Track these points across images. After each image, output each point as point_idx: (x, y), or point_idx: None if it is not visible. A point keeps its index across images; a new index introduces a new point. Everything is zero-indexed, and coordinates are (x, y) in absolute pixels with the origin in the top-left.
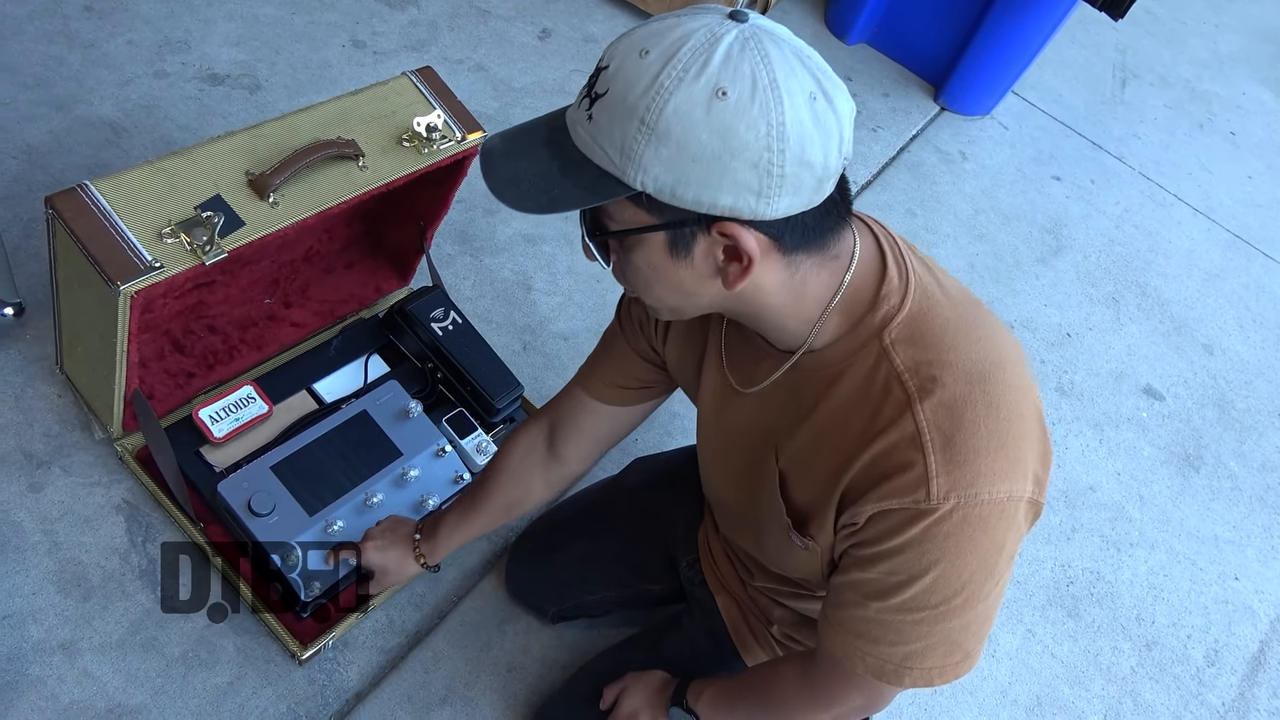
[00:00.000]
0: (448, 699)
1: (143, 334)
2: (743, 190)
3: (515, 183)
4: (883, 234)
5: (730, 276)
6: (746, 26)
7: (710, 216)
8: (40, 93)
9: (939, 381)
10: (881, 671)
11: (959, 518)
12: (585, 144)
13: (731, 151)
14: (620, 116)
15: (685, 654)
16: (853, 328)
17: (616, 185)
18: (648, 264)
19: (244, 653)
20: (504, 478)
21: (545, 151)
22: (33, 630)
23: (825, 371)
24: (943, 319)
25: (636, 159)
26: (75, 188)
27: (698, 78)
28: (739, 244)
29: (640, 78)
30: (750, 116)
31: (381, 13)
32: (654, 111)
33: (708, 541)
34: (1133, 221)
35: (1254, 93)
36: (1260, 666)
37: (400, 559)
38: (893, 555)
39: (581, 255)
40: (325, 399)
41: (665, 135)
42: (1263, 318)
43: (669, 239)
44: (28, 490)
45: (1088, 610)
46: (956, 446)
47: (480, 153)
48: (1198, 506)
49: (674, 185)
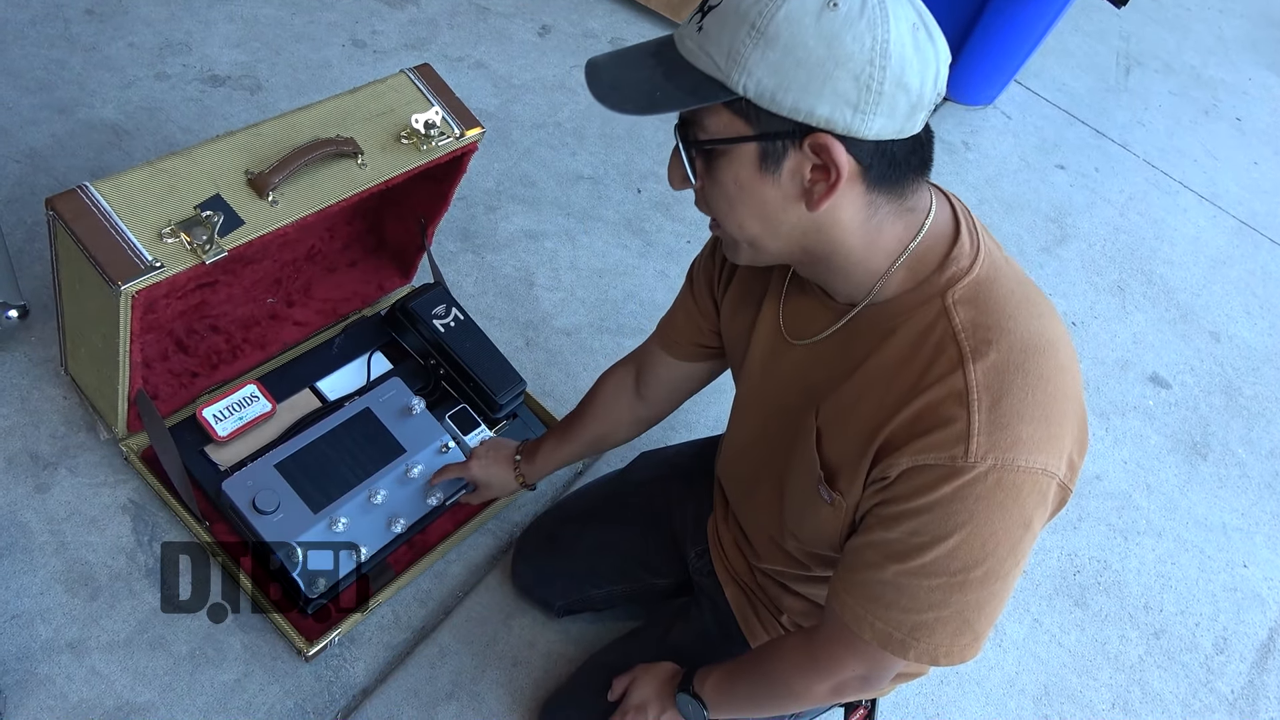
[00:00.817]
0: (454, 694)
1: (146, 334)
2: (841, 102)
3: (618, 87)
4: (959, 205)
5: (816, 195)
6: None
7: (805, 128)
8: (42, 96)
9: (994, 345)
10: (888, 639)
11: (993, 480)
12: (692, 53)
13: (836, 59)
14: (731, 22)
15: (693, 645)
16: (917, 284)
17: (719, 89)
18: (735, 180)
19: (251, 650)
20: (596, 412)
21: (651, 61)
22: (41, 629)
23: (881, 325)
24: (1006, 289)
25: (742, 62)
26: (76, 189)
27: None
28: (830, 156)
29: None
30: (858, 29)
31: (381, 12)
32: (765, 16)
33: (717, 531)
34: (1138, 209)
35: (1260, 78)
36: (1270, 654)
37: (503, 475)
38: (920, 514)
39: (584, 251)
40: (328, 397)
41: (774, 39)
42: (1270, 304)
43: (760, 151)
44: (35, 491)
45: (1095, 599)
46: (1001, 410)
47: (586, 67)
48: (1205, 494)
49: (775, 90)
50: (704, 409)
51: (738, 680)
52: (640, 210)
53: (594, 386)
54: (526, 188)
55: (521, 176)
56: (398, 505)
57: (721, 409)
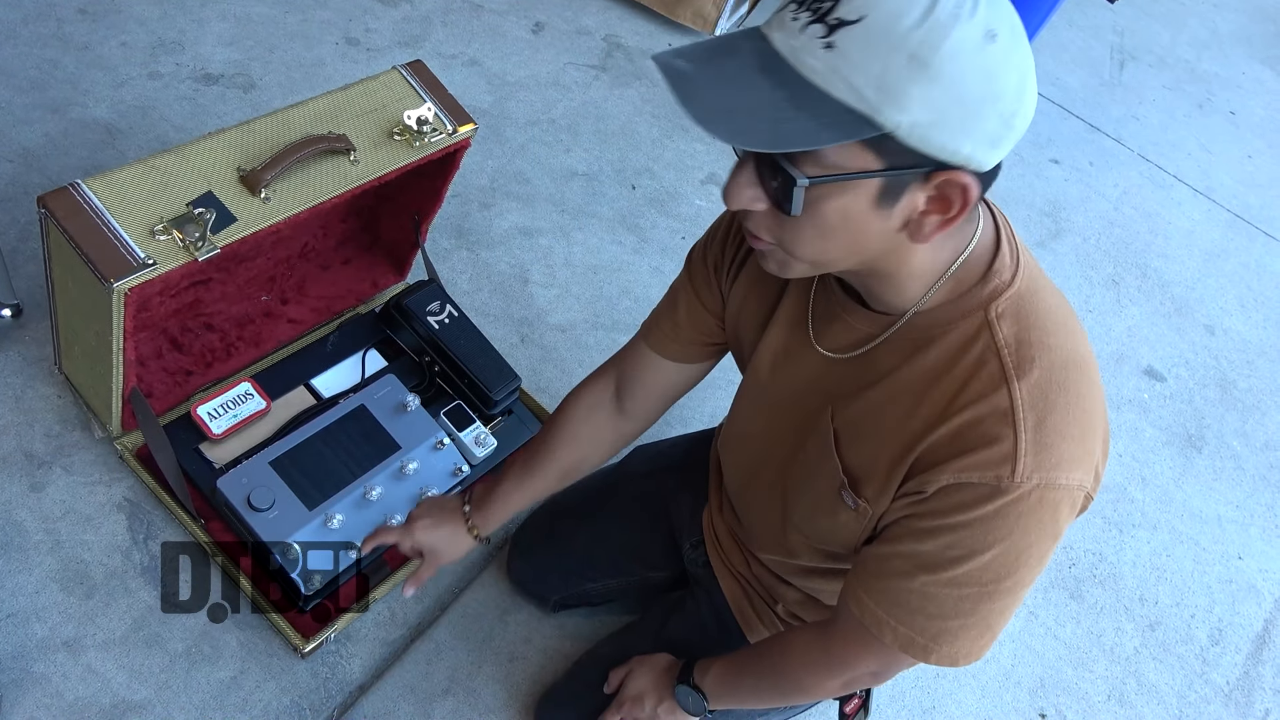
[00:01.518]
0: (450, 689)
1: (140, 332)
2: (983, 139)
3: (730, 113)
4: (999, 214)
5: (926, 229)
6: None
7: (939, 164)
8: (35, 96)
9: (1037, 363)
10: (910, 644)
11: (1035, 499)
12: (821, 75)
13: (991, 98)
14: (882, 49)
15: (690, 636)
16: (959, 296)
17: (862, 123)
18: (841, 213)
19: (247, 647)
20: (566, 437)
21: (764, 80)
22: (37, 628)
23: (915, 336)
24: (1046, 304)
25: (898, 96)
26: (67, 187)
27: (972, 15)
28: (965, 194)
29: (910, 8)
30: (1011, 64)
31: (374, 10)
32: (929, 47)
33: (712, 523)
34: (1132, 203)
35: (1254, 72)
36: (1265, 645)
37: (452, 535)
38: (958, 529)
39: (579, 247)
40: (323, 394)
41: (939, 74)
42: (1264, 297)
43: (883, 186)
44: (29, 490)
45: (1090, 591)
46: (1047, 429)
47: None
48: (1200, 486)
49: (929, 128)
50: (700, 404)
51: (743, 674)
52: (634, 206)
53: (559, 410)
54: (521, 185)
55: (515, 173)
56: (393, 502)
57: (717, 404)
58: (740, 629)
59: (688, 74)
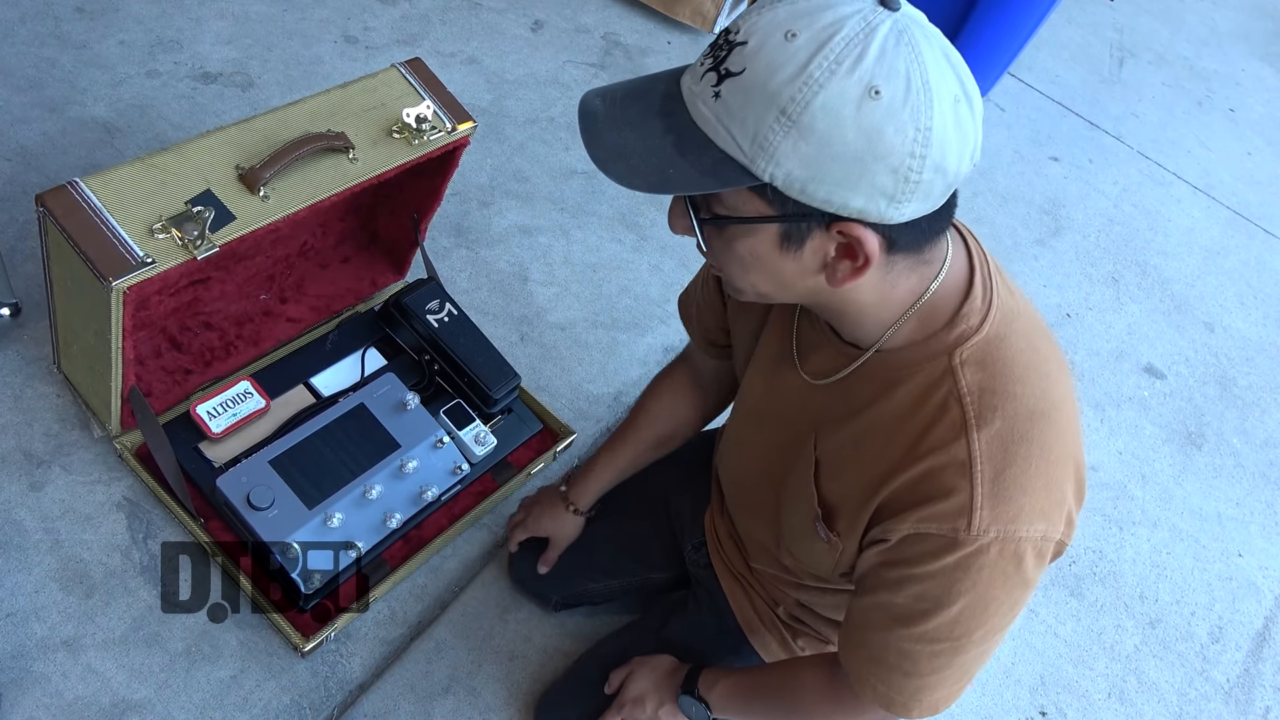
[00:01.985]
0: (450, 688)
1: (139, 331)
2: (877, 194)
3: (624, 156)
4: (975, 248)
5: (839, 274)
6: (900, 17)
7: (834, 216)
8: (33, 95)
9: (999, 412)
10: (890, 703)
11: (995, 552)
12: (708, 123)
13: (875, 154)
14: (757, 102)
15: (691, 637)
16: (926, 338)
17: (741, 173)
18: (751, 253)
19: (246, 646)
20: (657, 414)
21: (659, 124)
22: (36, 628)
23: (886, 374)
24: (1016, 349)
25: (770, 150)
26: (65, 185)
27: (851, 72)
28: (861, 245)
29: (785, 63)
30: (900, 119)
31: (373, 8)
32: (799, 103)
33: (714, 524)
34: (1132, 200)
35: (1253, 69)
36: (1265, 642)
37: (555, 516)
38: (922, 580)
39: (578, 246)
40: (323, 393)
41: (808, 130)
42: (1264, 294)
43: (782, 232)
44: (28, 489)
45: (1091, 589)
46: (1004, 482)
47: (580, 113)
48: (1200, 484)
49: (806, 182)
50: None
51: (752, 698)
52: (634, 204)
53: (647, 391)
54: (520, 183)
55: (515, 171)
56: (393, 501)
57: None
58: (741, 630)
59: (597, 115)
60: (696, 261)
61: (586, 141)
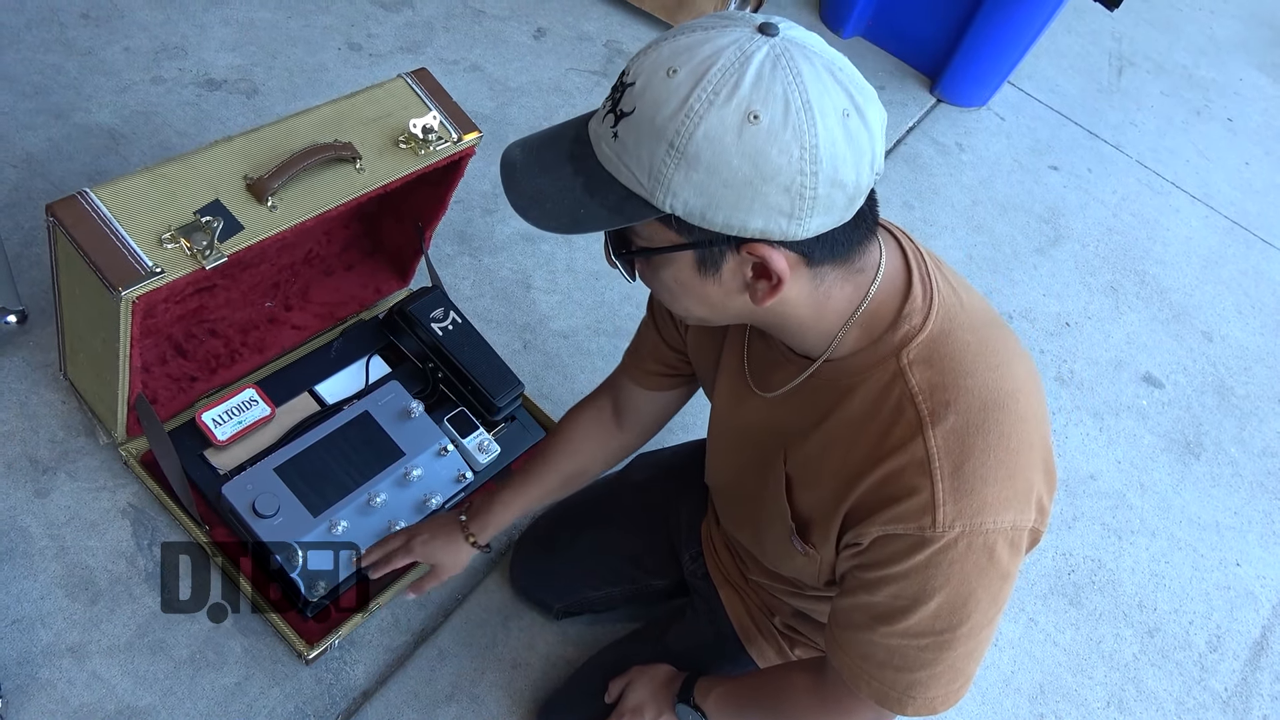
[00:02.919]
0: (454, 696)
1: (145, 339)
2: (774, 213)
3: (539, 200)
4: (910, 248)
5: (759, 293)
6: (778, 41)
7: (740, 239)
8: (39, 101)
9: (952, 407)
10: (885, 698)
11: (964, 546)
12: (611, 162)
13: (764, 176)
14: (648, 138)
15: (690, 646)
16: (872, 343)
17: (644, 207)
18: (675, 280)
19: (251, 653)
20: (568, 448)
21: (569, 168)
22: (42, 634)
23: (842, 381)
24: (962, 342)
25: (665, 182)
26: (75, 195)
27: (728, 100)
28: (769, 264)
29: (668, 99)
30: (783, 141)
31: (376, 15)
32: (683, 135)
33: (710, 534)
34: (1130, 210)
35: (1251, 78)
36: (1263, 651)
37: (449, 546)
38: (897, 580)
39: (581, 253)
40: (327, 400)
41: (695, 160)
42: (1261, 303)
43: (697, 258)
44: (34, 496)
45: (1089, 598)
46: (965, 475)
47: (501, 164)
48: (1198, 493)
49: (704, 209)
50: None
51: (746, 705)
52: None
53: (561, 422)
54: None
55: None
56: (397, 508)
57: None
58: (739, 639)
59: (515, 163)
60: None
61: (506, 189)
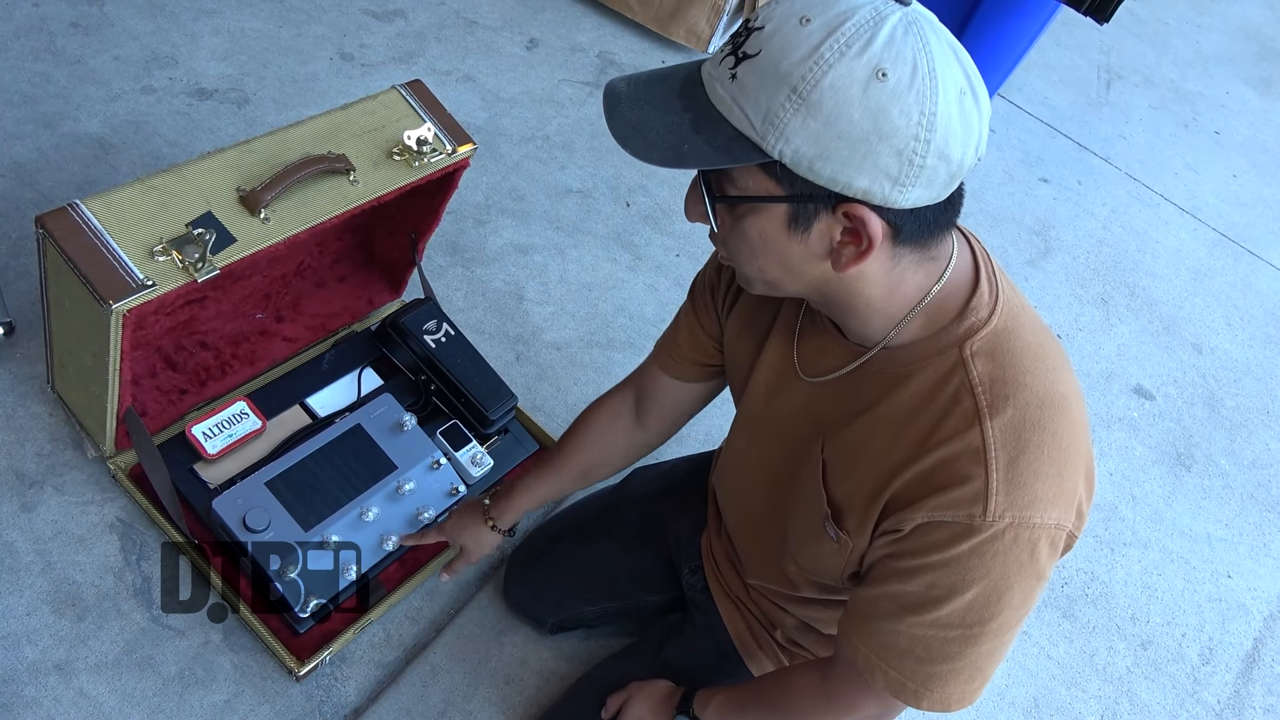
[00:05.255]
0: (446, 712)
1: (135, 351)
2: (881, 175)
3: (642, 131)
4: (979, 248)
5: (844, 259)
6: (910, 11)
7: (840, 196)
8: (27, 110)
9: (1011, 401)
10: (901, 689)
11: (1009, 538)
12: (724, 103)
13: (880, 134)
14: (769, 81)
15: (688, 661)
16: (935, 333)
17: (752, 150)
18: (760, 234)
19: (241, 670)
20: (586, 442)
21: (678, 104)
22: (28, 651)
23: (894, 370)
24: (1024, 342)
25: (780, 127)
26: (65, 207)
27: (860, 54)
28: (865, 227)
29: (799, 45)
30: (905, 102)
31: (369, 25)
32: (808, 82)
33: (711, 547)
34: (1120, 222)
35: (1237, 92)
36: (1255, 663)
37: (474, 529)
38: (936, 568)
39: (573, 265)
40: (319, 413)
41: (816, 107)
42: (1250, 316)
43: (790, 212)
44: (20, 510)
45: (1082, 611)
46: (1019, 468)
47: (605, 94)
48: (1190, 505)
49: (813, 159)
50: (696, 423)
51: (745, 710)
52: (629, 224)
53: (582, 416)
54: (515, 201)
55: (510, 190)
56: (389, 522)
57: (714, 423)
58: (739, 654)
59: (620, 94)
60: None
61: (609, 118)
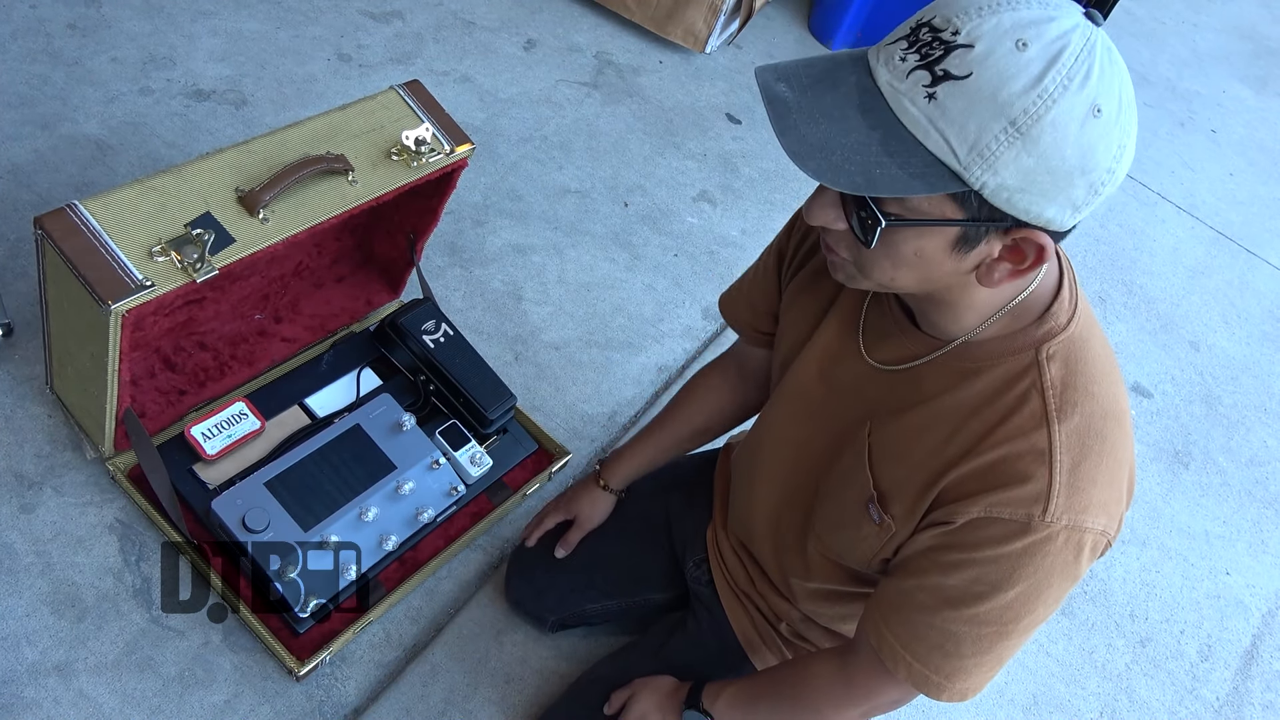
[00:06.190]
0: (446, 712)
1: (133, 352)
2: (1068, 205)
3: (825, 151)
4: (1064, 257)
5: (996, 275)
6: (1103, 31)
7: (1019, 222)
8: (24, 111)
9: (1079, 408)
10: (924, 682)
11: (1062, 540)
12: (918, 124)
13: (1084, 169)
14: (982, 110)
15: (691, 656)
16: (1014, 332)
17: (949, 178)
18: (916, 251)
19: (241, 670)
20: (695, 406)
21: (860, 119)
22: (27, 652)
23: (963, 364)
24: (1095, 353)
25: (990, 159)
26: (64, 208)
27: (1081, 89)
28: (1038, 251)
29: (1018, 75)
30: (1110, 137)
31: (366, 26)
32: (1030, 116)
33: (716, 540)
34: (1117, 220)
35: (1233, 90)
36: (1253, 660)
37: (588, 494)
38: (985, 564)
39: (572, 265)
40: (318, 414)
41: (1034, 143)
42: (1247, 313)
43: (960, 234)
44: (19, 511)
45: (1081, 608)
46: (1080, 473)
47: (767, 99)
48: (1188, 503)
49: (1014, 191)
50: None
51: (758, 701)
52: (627, 224)
53: (688, 385)
54: (513, 202)
55: (509, 190)
56: (389, 522)
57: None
58: (742, 649)
59: (788, 102)
60: (690, 281)
61: (778, 130)
